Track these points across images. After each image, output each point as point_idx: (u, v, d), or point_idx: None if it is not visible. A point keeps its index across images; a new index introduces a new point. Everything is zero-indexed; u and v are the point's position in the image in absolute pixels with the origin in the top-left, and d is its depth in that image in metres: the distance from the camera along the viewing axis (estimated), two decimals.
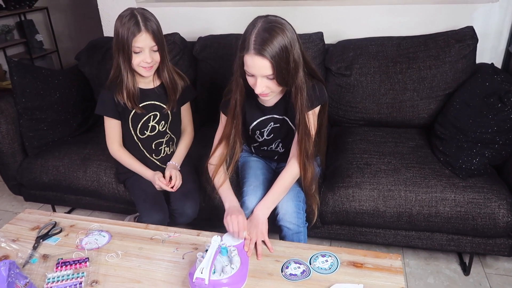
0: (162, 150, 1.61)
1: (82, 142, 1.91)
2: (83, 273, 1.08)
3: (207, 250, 1.02)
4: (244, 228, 1.18)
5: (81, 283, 1.05)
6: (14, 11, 3.81)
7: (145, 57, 1.40)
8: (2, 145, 1.81)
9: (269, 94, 1.25)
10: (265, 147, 1.50)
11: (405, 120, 1.85)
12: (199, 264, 0.99)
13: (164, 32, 1.48)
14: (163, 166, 1.61)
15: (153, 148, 1.59)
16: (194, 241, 1.21)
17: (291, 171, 1.33)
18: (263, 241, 1.18)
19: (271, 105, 1.37)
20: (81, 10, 4.20)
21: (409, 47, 1.81)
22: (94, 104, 1.57)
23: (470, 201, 1.42)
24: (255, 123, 1.41)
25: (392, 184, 1.49)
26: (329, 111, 1.93)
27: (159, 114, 1.56)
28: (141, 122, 1.55)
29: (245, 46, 1.16)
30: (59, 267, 1.10)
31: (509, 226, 1.40)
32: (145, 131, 1.56)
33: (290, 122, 1.39)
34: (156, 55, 1.43)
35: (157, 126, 1.57)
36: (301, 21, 1.21)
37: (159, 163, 1.62)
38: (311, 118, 1.30)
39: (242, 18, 1.28)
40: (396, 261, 1.09)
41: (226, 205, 1.31)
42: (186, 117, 1.68)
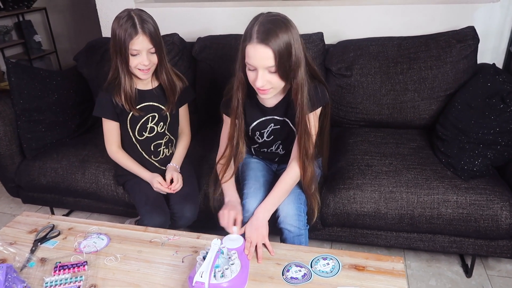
0: (161, 152, 1.60)
1: (81, 144, 1.90)
2: (81, 277, 1.07)
3: (207, 253, 1.01)
4: (236, 224, 1.21)
5: (79, 287, 1.04)
6: (12, 12, 3.81)
7: (143, 60, 1.39)
8: (0, 147, 1.80)
9: (270, 91, 1.22)
10: (265, 148, 1.49)
11: (406, 121, 1.84)
12: (198, 268, 0.98)
13: (163, 32, 1.47)
14: (162, 167, 1.60)
15: (152, 149, 1.58)
16: (194, 244, 1.20)
17: (292, 174, 1.32)
18: (264, 244, 1.17)
19: (271, 105, 1.36)
20: (79, 11, 4.20)
21: (410, 48, 1.80)
22: (93, 105, 1.56)
23: (472, 203, 1.40)
24: (255, 124, 1.40)
25: (393, 186, 1.47)
26: (330, 111, 1.93)
27: (157, 116, 1.55)
28: (140, 124, 1.54)
29: (247, 37, 1.15)
30: (57, 271, 1.09)
31: (511, 228, 1.39)
32: (144, 132, 1.55)
33: (291, 124, 1.38)
34: (154, 57, 1.42)
35: (155, 128, 1.56)
36: (301, 21, 1.20)
37: (158, 164, 1.61)
38: (312, 119, 1.29)
39: (242, 18, 1.27)
40: (398, 264, 1.08)
41: (226, 199, 1.36)
42: (183, 118, 1.67)
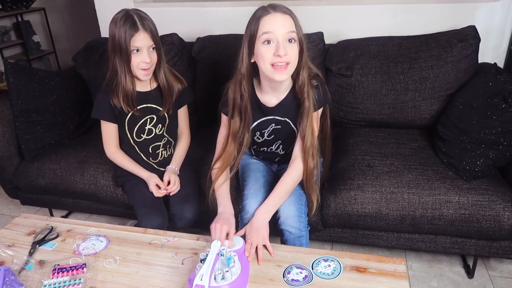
0: (160, 154, 1.59)
1: (80, 145, 1.89)
2: (80, 279, 1.06)
3: (207, 255, 1.00)
4: (229, 238, 1.16)
5: None
6: (10, 12, 3.79)
7: (144, 57, 1.38)
8: None
9: (289, 67, 1.19)
10: (265, 147, 1.48)
11: (407, 121, 1.83)
12: (198, 270, 0.97)
13: (162, 32, 1.46)
14: (161, 169, 1.59)
15: (150, 151, 1.57)
16: (193, 246, 1.19)
17: (293, 175, 1.31)
18: (264, 246, 1.16)
19: (272, 105, 1.35)
20: (78, 11, 4.18)
21: (411, 47, 1.80)
22: (92, 105, 1.55)
23: (474, 204, 1.39)
24: (255, 124, 1.39)
25: (394, 186, 1.46)
26: (330, 112, 1.92)
27: (155, 117, 1.54)
28: (138, 126, 1.53)
29: (260, 13, 1.18)
30: (55, 274, 1.08)
31: None
32: (142, 134, 1.54)
33: (292, 124, 1.37)
34: (154, 55, 1.42)
35: (154, 129, 1.55)
36: (301, 21, 1.20)
37: (156, 166, 1.60)
38: (314, 118, 1.29)
39: (241, 18, 1.26)
40: (400, 265, 1.07)
41: (219, 210, 1.30)
42: (183, 120, 1.66)
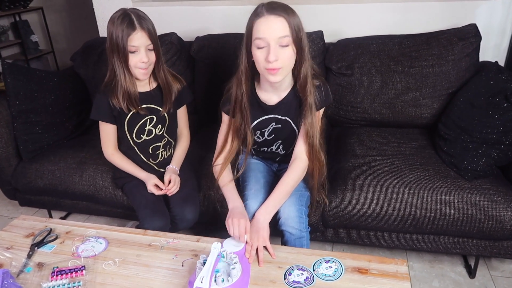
0: (160, 154, 1.58)
1: (78, 146, 1.88)
2: (79, 282, 1.05)
3: (208, 257, 0.99)
4: (246, 232, 1.16)
5: None
6: (8, 12, 3.77)
7: (142, 57, 1.37)
8: None
9: (280, 71, 1.18)
10: (265, 147, 1.47)
11: (407, 120, 1.82)
12: (199, 273, 0.96)
13: (161, 32, 1.45)
14: (161, 170, 1.58)
15: (150, 152, 1.56)
16: (193, 248, 1.18)
17: (294, 175, 1.30)
18: (265, 247, 1.15)
19: (273, 104, 1.34)
20: (76, 10, 4.17)
21: (411, 46, 1.79)
22: (90, 106, 1.54)
23: (476, 203, 1.39)
24: (256, 123, 1.38)
25: (396, 187, 1.46)
26: (330, 111, 1.91)
27: (155, 118, 1.53)
28: (137, 126, 1.52)
29: (255, 15, 1.15)
30: (54, 276, 1.07)
31: None
32: (142, 135, 1.53)
33: (292, 124, 1.36)
34: (152, 54, 1.41)
35: (153, 130, 1.54)
36: (301, 19, 1.19)
37: (156, 167, 1.59)
38: (316, 118, 1.28)
39: (240, 17, 1.25)
40: (402, 266, 1.07)
41: (230, 205, 1.28)
42: (182, 120, 1.65)
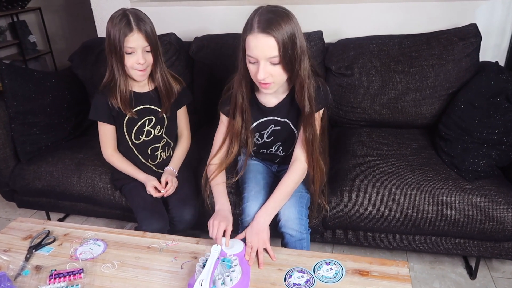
0: (159, 155, 1.57)
1: (76, 147, 1.86)
2: (77, 285, 1.04)
3: (207, 259, 0.98)
4: (226, 236, 1.15)
5: None
6: (6, 12, 3.76)
7: (138, 58, 1.36)
8: None
9: (271, 85, 1.18)
10: (264, 149, 1.46)
11: (407, 120, 1.81)
12: (198, 275, 0.95)
13: (160, 32, 1.44)
14: (160, 171, 1.57)
15: (149, 153, 1.55)
16: (193, 250, 1.17)
17: (294, 176, 1.29)
18: (265, 249, 1.14)
19: (272, 106, 1.33)
20: (74, 11, 4.15)
21: (411, 46, 1.78)
22: (88, 107, 1.53)
23: (477, 204, 1.38)
24: (255, 125, 1.37)
25: (396, 188, 1.45)
26: (330, 112, 1.90)
27: (154, 119, 1.52)
28: (136, 127, 1.51)
29: (247, 29, 1.12)
30: (52, 279, 1.06)
31: None
32: (140, 136, 1.52)
33: (292, 125, 1.35)
34: (149, 56, 1.39)
35: (152, 131, 1.53)
36: (300, 19, 1.17)
37: (155, 168, 1.58)
38: (316, 120, 1.26)
39: (239, 17, 1.24)
40: (403, 268, 1.06)
41: (216, 207, 1.28)
42: (182, 121, 1.64)
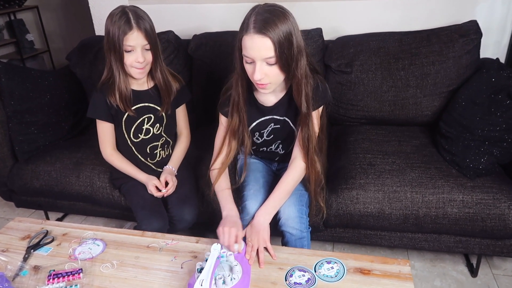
0: (158, 154, 1.56)
1: (75, 146, 1.85)
2: (76, 285, 1.03)
3: (207, 259, 0.97)
4: (237, 241, 1.12)
5: None
6: (3, 10, 3.74)
7: (137, 57, 1.35)
8: None
9: (268, 86, 1.17)
10: (264, 147, 1.45)
11: (408, 118, 1.80)
12: (198, 275, 0.94)
13: (158, 30, 1.43)
14: (159, 170, 1.56)
15: (148, 152, 1.54)
16: (193, 249, 1.16)
17: (294, 174, 1.28)
18: (265, 248, 1.13)
19: (271, 104, 1.32)
20: (72, 9, 4.13)
21: (411, 43, 1.77)
22: (87, 105, 1.52)
23: (478, 202, 1.37)
24: (254, 124, 1.36)
25: (397, 185, 1.44)
26: (329, 109, 1.89)
27: (153, 117, 1.51)
28: (135, 125, 1.50)
29: (244, 28, 1.10)
30: (51, 280, 1.05)
31: None
32: (139, 134, 1.51)
33: (291, 124, 1.34)
34: (149, 54, 1.38)
35: (151, 129, 1.52)
36: (299, 17, 1.16)
37: (154, 167, 1.57)
38: (315, 118, 1.26)
39: (238, 15, 1.23)
40: (405, 267, 1.05)
41: (224, 213, 1.25)
42: (181, 119, 1.63)
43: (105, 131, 1.50)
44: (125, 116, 1.47)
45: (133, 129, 1.50)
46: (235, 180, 1.47)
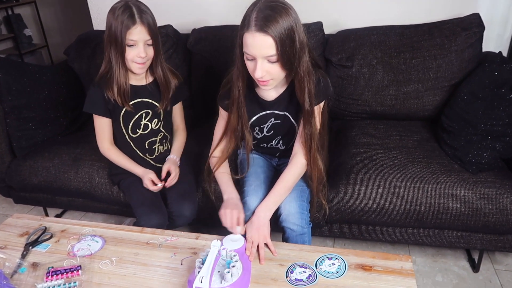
0: (156, 149, 1.55)
1: (73, 142, 1.84)
2: (75, 282, 1.02)
3: (207, 256, 0.96)
4: (239, 223, 1.15)
5: None
6: (0, 5, 3.73)
7: (139, 51, 1.34)
8: None
9: (270, 82, 1.16)
10: (264, 143, 1.44)
11: (409, 112, 1.79)
12: (198, 271, 0.93)
13: (157, 24, 1.41)
14: (158, 165, 1.55)
15: (146, 147, 1.53)
16: (192, 245, 1.15)
17: (294, 170, 1.27)
18: (266, 244, 1.13)
19: (271, 99, 1.30)
20: (70, 3, 4.11)
21: (413, 36, 1.75)
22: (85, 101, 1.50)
23: (481, 197, 1.36)
24: (254, 119, 1.35)
25: (399, 180, 1.43)
26: (330, 104, 1.87)
27: (151, 112, 1.50)
28: (133, 120, 1.48)
29: (245, 25, 1.08)
30: (49, 277, 1.04)
31: None
32: (137, 129, 1.50)
33: (292, 119, 1.33)
34: (150, 49, 1.37)
35: (149, 125, 1.51)
36: (300, 10, 1.15)
37: (153, 162, 1.56)
38: (316, 113, 1.24)
39: (238, 9, 1.21)
40: (407, 263, 1.04)
41: (225, 196, 1.27)
42: (178, 116, 1.62)
43: (102, 126, 1.49)
44: (123, 111, 1.46)
45: (131, 124, 1.49)
46: (236, 175, 1.46)
